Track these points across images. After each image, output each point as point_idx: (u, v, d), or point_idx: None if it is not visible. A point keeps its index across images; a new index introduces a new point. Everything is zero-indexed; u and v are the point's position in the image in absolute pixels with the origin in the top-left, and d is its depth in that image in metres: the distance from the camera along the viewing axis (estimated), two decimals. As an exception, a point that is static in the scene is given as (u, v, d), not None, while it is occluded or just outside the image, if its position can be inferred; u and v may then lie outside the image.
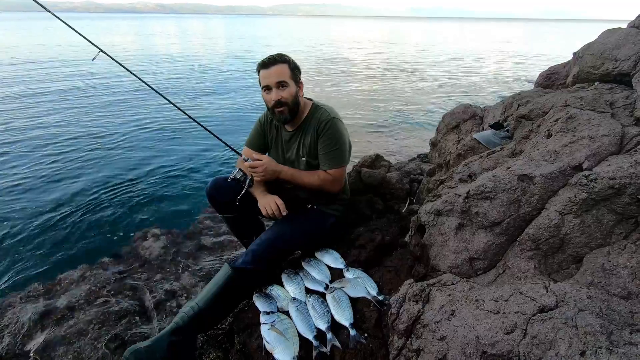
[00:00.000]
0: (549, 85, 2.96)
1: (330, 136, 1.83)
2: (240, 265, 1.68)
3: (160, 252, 2.61)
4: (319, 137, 1.84)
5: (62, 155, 4.56)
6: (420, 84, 10.05)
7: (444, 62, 15.05)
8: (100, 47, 1.97)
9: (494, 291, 1.25)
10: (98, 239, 2.85)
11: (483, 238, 1.50)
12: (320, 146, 1.85)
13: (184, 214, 3.20)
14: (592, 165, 1.43)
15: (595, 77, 2.20)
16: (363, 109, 7.17)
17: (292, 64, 1.80)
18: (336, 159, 1.86)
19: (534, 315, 1.10)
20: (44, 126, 5.63)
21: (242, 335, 1.61)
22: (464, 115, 3.22)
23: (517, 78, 11.08)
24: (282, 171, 1.84)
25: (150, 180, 3.92)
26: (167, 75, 10.66)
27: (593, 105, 1.80)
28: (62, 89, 8.30)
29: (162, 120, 6.19)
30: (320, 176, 1.86)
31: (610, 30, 2.36)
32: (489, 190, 1.50)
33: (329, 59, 15.54)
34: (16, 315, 2.05)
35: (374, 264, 1.86)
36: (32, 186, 3.75)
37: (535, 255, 1.41)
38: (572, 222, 1.35)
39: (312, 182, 1.86)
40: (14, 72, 10.29)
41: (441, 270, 1.56)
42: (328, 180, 1.86)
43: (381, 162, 3.06)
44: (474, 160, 1.95)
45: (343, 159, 1.89)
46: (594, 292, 1.16)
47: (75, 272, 2.43)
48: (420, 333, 1.24)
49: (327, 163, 1.86)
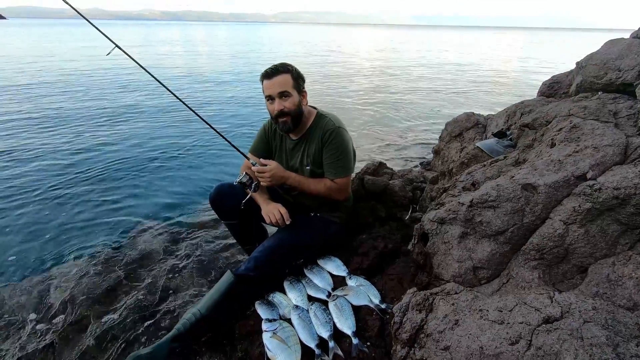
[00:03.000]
0: (552, 94, 2.96)
1: (336, 145, 1.84)
2: (242, 272, 1.68)
3: (162, 256, 2.61)
4: (324, 146, 1.85)
5: (64, 153, 4.61)
6: (422, 91, 10.08)
7: (446, 70, 15.11)
8: (116, 43, 1.98)
9: (498, 301, 1.25)
10: (99, 240, 2.85)
11: (487, 247, 1.49)
12: (326, 155, 1.86)
13: (187, 219, 3.20)
14: (596, 175, 1.43)
15: (598, 87, 2.20)
16: (365, 116, 7.19)
17: (295, 73, 1.81)
18: (342, 168, 1.87)
19: (538, 326, 1.09)
20: (53, 126, 5.68)
21: (244, 342, 1.60)
22: (467, 123, 3.22)
23: (520, 86, 11.11)
24: (289, 177, 1.84)
25: (153, 184, 3.94)
26: (179, 79, 10.78)
27: (597, 114, 1.80)
28: (59, 82, 8.38)
29: (171, 124, 6.26)
30: (327, 184, 1.87)
31: (612, 41, 2.37)
32: (493, 199, 1.50)
33: (331, 65, 15.65)
34: (12, 312, 2.05)
35: (376, 272, 1.85)
36: (32, 179, 3.79)
37: (540, 265, 1.40)
38: (576, 232, 1.35)
39: (318, 190, 1.87)
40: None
41: (444, 279, 1.55)
42: (334, 189, 1.87)
43: (384, 169, 3.06)
44: (477, 169, 1.95)
45: (349, 167, 1.90)
46: (600, 303, 1.15)
47: (72, 268, 2.43)
48: (424, 343, 1.23)
49: (333, 172, 1.86)
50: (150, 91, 8.89)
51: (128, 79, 10.52)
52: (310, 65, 15.52)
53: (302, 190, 1.88)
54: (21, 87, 8.86)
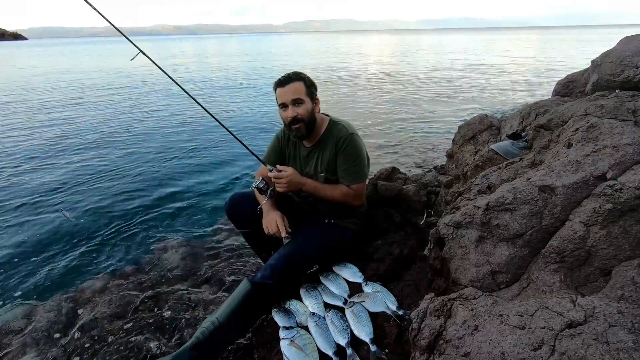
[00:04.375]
0: (567, 93, 2.91)
1: (350, 152, 1.85)
2: (259, 281, 1.69)
3: (180, 264, 2.65)
4: (338, 153, 1.87)
5: (84, 164, 4.76)
6: (433, 95, 10.02)
7: (456, 72, 14.99)
8: (140, 49, 2.04)
9: (518, 306, 1.22)
10: (119, 250, 2.92)
11: (505, 251, 1.46)
12: (340, 162, 1.87)
13: (204, 227, 3.24)
14: (616, 175, 1.40)
15: (615, 85, 2.16)
16: (377, 121, 7.18)
17: (307, 81, 1.84)
18: (357, 174, 1.88)
19: (562, 331, 1.06)
20: (67, 135, 5.87)
21: (262, 350, 1.61)
22: (480, 126, 3.19)
23: (533, 87, 10.92)
24: (306, 183, 1.86)
25: (169, 191, 4.02)
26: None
27: (615, 113, 1.76)
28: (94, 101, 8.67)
29: (186, 130, 6.42)
30: (343, 190, 1.88)
31: (628, 38, 2.32)
32: (509, 201, 1.48)
33: (339, 71, 15.72)
34: (39, 325, 2.11)
35: (392, 278, 1.84)
36: (56, 195, 3.91)
37: (561, 268, 1.37)
38: (597, 234, 1.31)
39: (334, 196, 1.88)
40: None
41: (462, 284, 1.53)
42: (350, 195, 1.88)
43: (397, 174, 3.05)
44: (492, 172, 1.93)
45: (363, 173, 1.91)
46: (625, 306, 1.11)
47: (97, 282, 2.50)
48: (443, 349, 1.21)
49: (348, 178, 1.87)
50: (159, 97, 9.11)
51: (138, 90, 10.80)
52: (319, 71, 15.65)
53: (318, 197, 1.89)
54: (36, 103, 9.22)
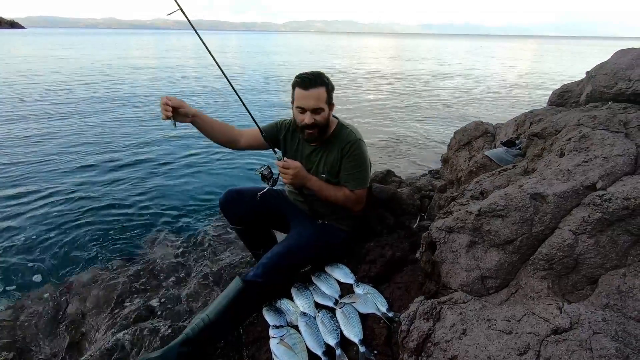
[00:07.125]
0: (562, 103, 2.95)
1: (356, 157, 1.86)
2: (251, 279, 1.70)
3: (171, 260, 2.64)
4: (344, 157, 1.87)
5: (78, 157, 4.72)
6: (430, 99, 10.09)
7: (454, 78, 15.10)
8: (180, 5, 1.83)
9: (506, 311, 1.24)
10: (108, 244, 2.90)
11: (495, 256, 1.48)
12: (345, 166, 1.88)
13: (197, 223, 3.24)
14: (606, 185, 1.42)
15: (608, 97, 2.19)
16: (373, 124, 7.22)
17: (330, 86, 1.81)
18: (361, 180, 1.89)
19: (547, 337, 1.08)
20: (62, 133, 5.82)
21: (251, 348, 1.61)
22: (476, 132, 3.22)
23: (529, 95, 11.03)
24: (311, 180, 1.85)
25: (162, 185, 4.00)
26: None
27: (606, 124, 1.79)
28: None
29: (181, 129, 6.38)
30: (346, 193, 1.88)
31: (623, 50, 2.36)
32: (501, 208, 1.50)
33: (338, 74, 15.75)
34: (27, 319, 2.09)
35: (384, 280, 1.85)
36: (48, 188, 3.87)
37: (549, 275, 1.39)
38: (586, 242, 1.34)
39: (337, 198, 1.88)
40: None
41: (452, 288, 1.54)
42: (352, 199, 1.89)
43: (392, 177, 3.07)
44: (485, 178, 1.95)
45: (367, 180, 1.93)
46: (610, 314, 1.13)
47: (85, 276, 2.48)
48: (431, 352, 1.22)
49: (352, 183, 1.88)
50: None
51: (132, 84, 10.73)
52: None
53: (320, 196, 1.89)
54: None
